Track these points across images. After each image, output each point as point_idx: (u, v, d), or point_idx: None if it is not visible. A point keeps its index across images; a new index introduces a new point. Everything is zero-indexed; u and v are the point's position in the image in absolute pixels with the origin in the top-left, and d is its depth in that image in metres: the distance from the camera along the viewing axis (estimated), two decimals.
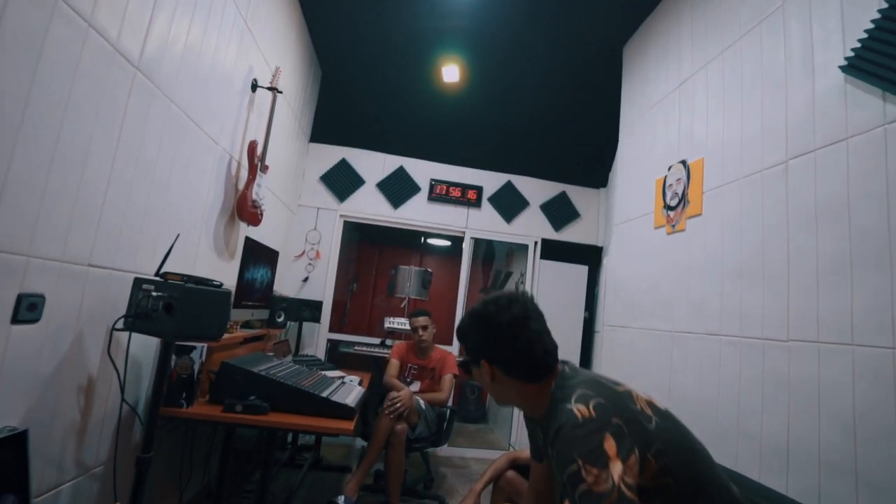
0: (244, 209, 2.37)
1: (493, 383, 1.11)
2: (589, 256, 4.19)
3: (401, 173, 4.06)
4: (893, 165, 1.29)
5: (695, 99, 2.33)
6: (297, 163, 3.66)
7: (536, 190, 4.22)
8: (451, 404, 3.08)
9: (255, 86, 2.46)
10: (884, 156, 1.32)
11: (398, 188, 4.04)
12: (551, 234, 4.18)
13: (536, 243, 4.16)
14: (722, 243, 2.00)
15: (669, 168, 2.47)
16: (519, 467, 1.70)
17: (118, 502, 1.51)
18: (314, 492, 2.80)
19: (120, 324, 1.37)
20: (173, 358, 1.70)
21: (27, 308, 1.12)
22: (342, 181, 3.97)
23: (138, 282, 1.39)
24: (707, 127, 2.20)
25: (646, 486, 0.88)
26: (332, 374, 2.62)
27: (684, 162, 2.34)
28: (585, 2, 2.83)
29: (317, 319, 3.60)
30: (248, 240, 2.52)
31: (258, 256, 2.67)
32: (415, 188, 4.07)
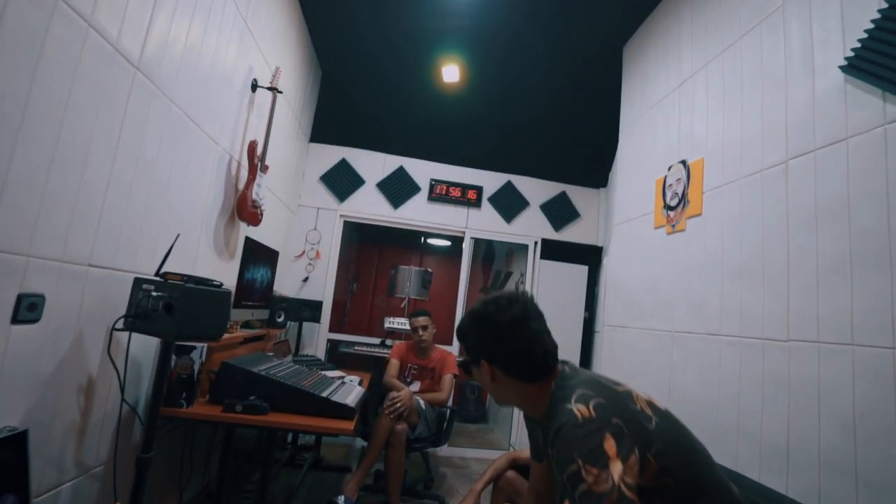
0: (244, 209, 2.37)
1: (493, 383, 1.11)
2: (589, 256, 4.19)
3: (401, 173, 4.06)
4: (893, 165, 1.30)
5: (695, 99, 2.33)
6: (297, 163, 3.66)
7: (536, 190, 4.22)
8: (451, 404, 3.08)
9: (255, 86, 2.46)
10: (884, 156, 1.32)
11: (398, 188, 4.04)
12: (551, 234, 4.18)
13: (536, 243, 4.16)
14: (722, 243, 2.00)
15: (669, 168, 2.47)
16: (519, 467, 1.70)
17: (118, 502, 1.51)
18: (314, 492, 2.80)
19: (120, 324, 1.37)
20: (173, 358, 1.70)
21: (27, 308, 1.12)
22: (342, 181, 3.97)
23: (138, 282, 1.39)
24: (707, 127, 2.20)
25: (646, 486, 0.89)
26: (332, 374, 2.62)
27: (684, 162, 2.34)
28: (585, 2, 2.84)
29: (317, 319, 3.60)
30: (248, 240, 2.52)
31: (258, 256, 2.67)
32: (415, 188, 4.07)
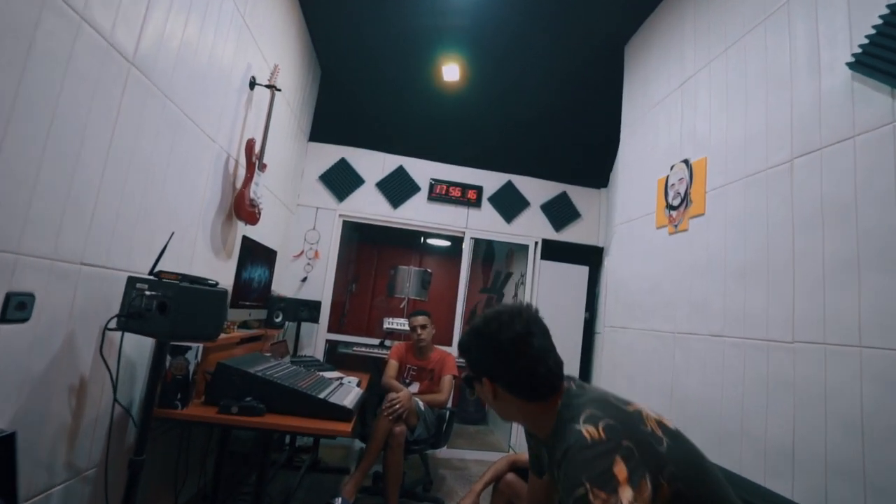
0: (242, 208, 2.34)
1: (496, 401, 1.07)
2: (589, 257, 4.16)
3: (400, 173, 4.04)
4: None
5: (697, 98, 2.30)
6: (296, 162, 3.63)
7: (537, 190, 4.19)
8: (451, 406, 3.05)
9: (254, 83, 2.44)
10: (892, 154, 1.29)
11: (398, 188, 4.02)
12: (552, 235, 4.15)
13: (537, 244, 4.13)
14: (725, 243, 1.98)
15: (672, 167, 2.45)
16: (519, 470, 1.68)
17: None
18: (312, 493, 2.78)
19: (113, 323, 1.35)
20: (168, 358, 1.68)
21: (16, 307, 1.10)
22: (341, 181, 3.95)
23: (132, 280, 1.37)
24: (710, 126, 2.17)
25: None
26: (331, 375, 2.60)
27: (687, 161, 2.32)
28: (586, 0, 2.81)
29: (315, 320, 3.57)
30: (246, 239, 2.50)
31: (256, 256, 2.64)
32: (414, 188, 4.05)
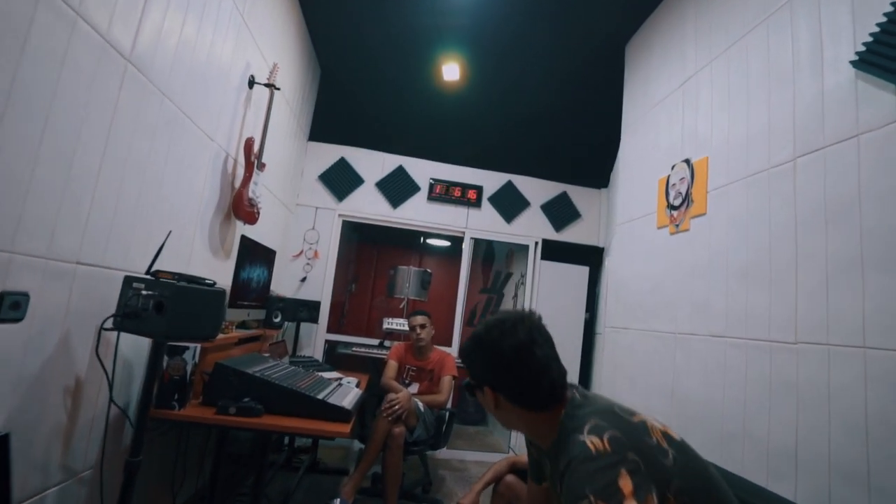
0: (240, 207, 2.33)
1: (498, 410, 1.05)
2: (590, 257, 4.15)
3: (400, 172, 4.02)
4: None
5: (699, 97, 2.29)
6: (296, 161, 3.62)
7: (537, 190, 4.18)
8: (451, 406, 3.03)
9: (253, 82, 2.43)
10: None
11: (397, 188, 4.00)
12: (552, 235, 4.14)
13: (537, 244, 4.12)
14: (727, 243, 1.96)
15: (673, 167, 2.43)
16: (519, 471, 1.66)
17: None
18: (311, 495, 2.76)
19: (109, 323, 1.33)
20: (165, 358, 1.66)
21: (10, 307, 1.08)
22: (341, 180, 3.93)
23: (128, 280, 1.35)
24: (712, 125, 2.16)
25: None
26: (329, 376, 2.58)
27: (688, 161, 2.30)
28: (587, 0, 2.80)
29: (314, 320, 3.55)
30: (245, 238, 2.48)
31: (255, 255, 2.62)
32: (414, 188, 4.03)
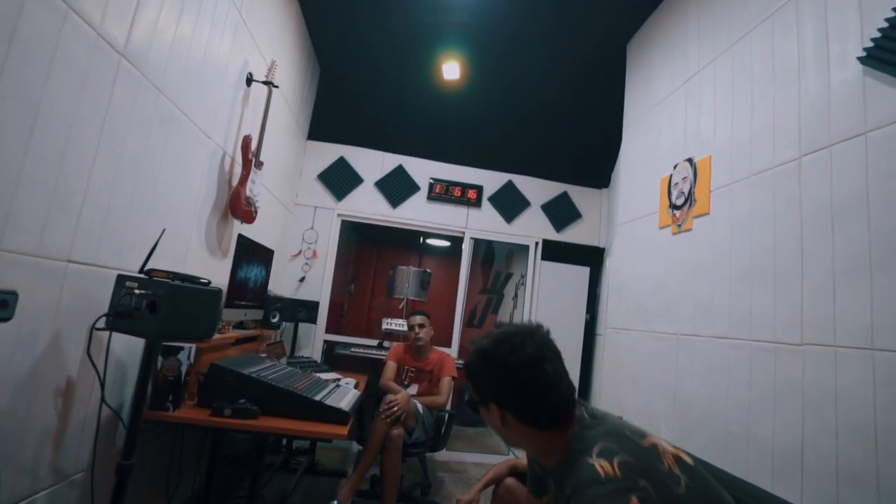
0: (238, 206, 2.30)
1: (504, 428, 1.01)
2: (590, 258, 4.13)
3: (400, 172, 4.00)
4: None
5: (702, 95, 2.26)
6: (294, 160, 3.59)
7: (538, 190, 4.15)
8: (450, 408, 3.00)
9: (251, 80, 2.40)
10: None
11: (397, 187, 3.98)
12: (552, 235, 4.11)
13: (537, 244, 4.09)
14: (731, 243, 1.93)
15: (675, 166, 2.41)
16: (519, 474, 1.63)
17: None
18: (308, 497, 2.73)
19: (101, 323, 1.30)
20: (160, 359, 1.63)
21: None
22: (340, 180, 3.90)
23: (121, 279, 1.32)
24: (715, 124, 2.13)
25: None
26: (327, 377, 2.55)
27: (691, 160, 2.28)
28: None
29: (313, 320, 3.53)
30: (242, 238, 2.45)
31: (252, 255, 2.60)
32: (414, 187, 4.01)
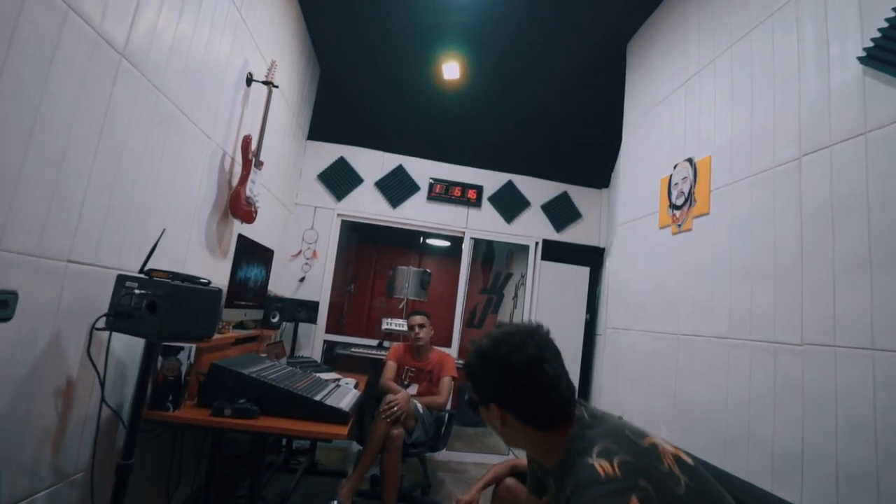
0: (238, 206, 2.30)
1: (504, 428, 1.01)
2: (590, 258, 4.13)
3: (400, 172, 4.00)
4: None
5: (702, 95, 2.26)
6: (294, 160, 3.59)
7: (538, 190, 4.15)
8: (450, 408, 3.00)
9: (251, 80, 2.40)
10: None
11: (397, 187, 3.97)
12: (552, 235, 4.11)
13: (537, 244, 4.09)
14: (731, 243, 1.93)
15: (675, 166, 2.41)
16: (519, 474, 1.63)
17: None
18: (308, 497, 2.73)
19: (101, 323, 1.30)
20: (160, 359, 1.63)
21: None
22: (340, 180, 3.90)
23: (121, 279, 1.32)
24: (715, 124, 2.13)
25: None
26: (327, 377, 2.55)
27: (691, 160, 2.28)
28: None
29: (313, 320, 3.53)
30: (242, 237, 2.45)
31: (252, 255, 2.59)
32: (414, 187, 4.01)
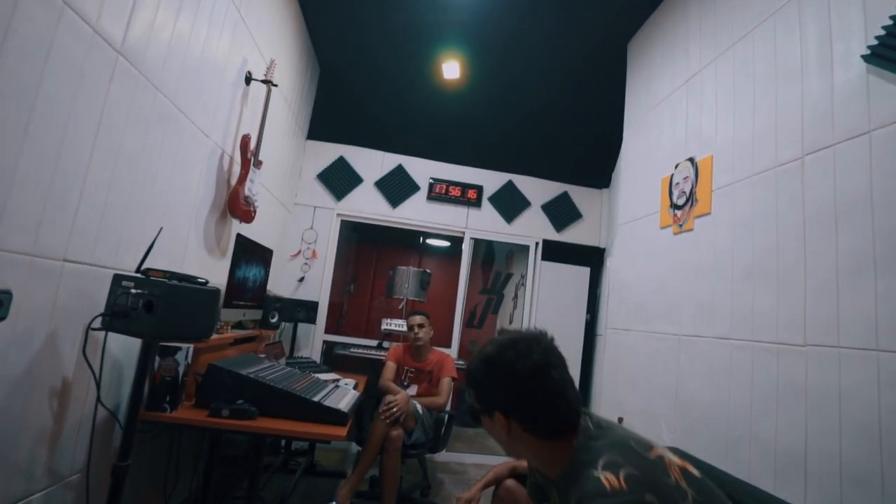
0: (236, 206, 2.29)
1: (509, 437, 0.98)
2: (591, 258, 4.12)
3: (399, 172, 3.98)
4: None
5: (703, 94, 2.25)
6: (294, 160, 3.58)
7: (538, 190, 4.14)
8: (450, 408, 2.99)
9: (250, 79, 2.39)
10: None
11: (397, 187, 3.96)
12: (553, 235, 4.10)
13: (537, 244, 4.08)
14: (732, 243, 1.92)
15: (676, 166, 2.39)
16: (519, 476, 1.62)
17: None
18: (307, 498, 2.72)
19: (97, 323, 1.29)
20: (157, 359, 1.62)
21: None
22: (340, 179, 3.89)
23: (117, 278, 1.31)
24: (716, 123, 2.12)
25: None
26: (326, 377, 2.54)
27: (692, 159, 2.26)
28: None
29: (312, 320, 3.51)
30: (241, 237, 2.44)
31: (251, 255, 2.58)
32: (414, 187, 3.99)
